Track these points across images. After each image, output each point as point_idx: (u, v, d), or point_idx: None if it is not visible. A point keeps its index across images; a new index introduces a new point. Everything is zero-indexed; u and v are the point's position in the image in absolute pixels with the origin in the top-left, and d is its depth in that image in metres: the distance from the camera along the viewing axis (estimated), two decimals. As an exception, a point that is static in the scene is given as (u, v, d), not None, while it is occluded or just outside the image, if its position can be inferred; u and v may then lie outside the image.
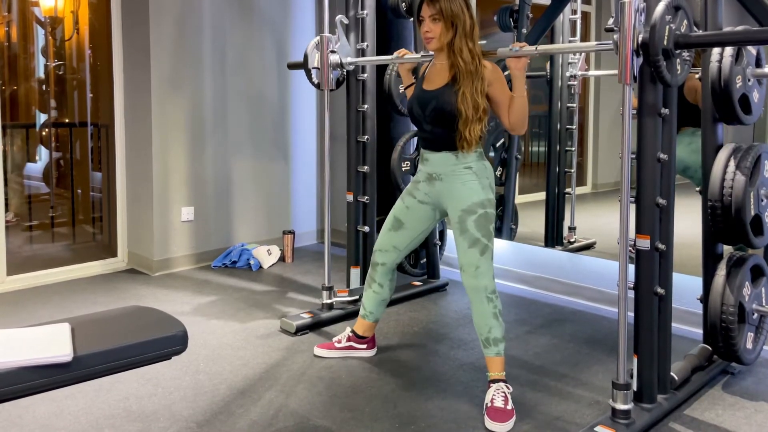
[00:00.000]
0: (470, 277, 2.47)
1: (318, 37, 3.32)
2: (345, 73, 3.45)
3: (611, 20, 2.13)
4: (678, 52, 2.16)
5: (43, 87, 4.62)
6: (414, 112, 2.63)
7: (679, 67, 2.20)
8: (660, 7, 2.08)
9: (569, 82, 4.66)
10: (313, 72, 3.35)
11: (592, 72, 5.19)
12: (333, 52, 3.29)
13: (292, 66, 3.69)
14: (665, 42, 2.10)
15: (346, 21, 3.36)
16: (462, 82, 2.47)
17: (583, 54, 4.60)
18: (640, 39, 2.10)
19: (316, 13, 5.08)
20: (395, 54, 2.96)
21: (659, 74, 2.13)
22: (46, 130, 4.69)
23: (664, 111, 2.26)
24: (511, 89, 2.50)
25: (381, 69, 3.71)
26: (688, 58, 2.25)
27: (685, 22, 2.18)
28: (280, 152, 4.93)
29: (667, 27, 2.10)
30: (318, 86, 3.37)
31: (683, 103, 2.73)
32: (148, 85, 4.16)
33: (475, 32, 2.52)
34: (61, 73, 4.61)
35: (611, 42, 2.16)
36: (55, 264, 4.20)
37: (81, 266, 4.25)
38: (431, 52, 2.65)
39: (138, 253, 4.37)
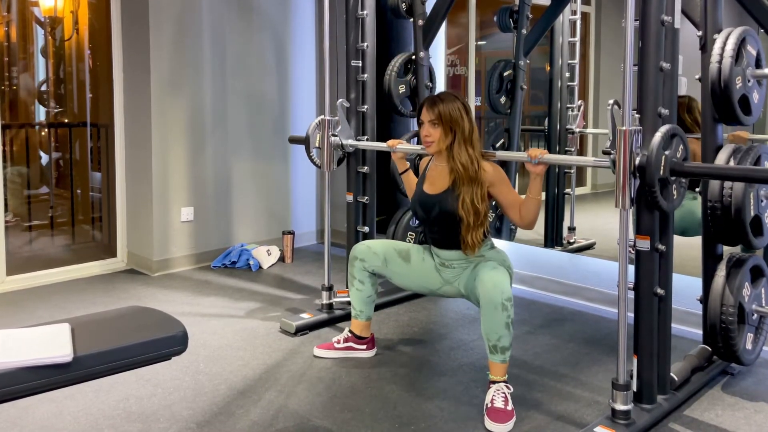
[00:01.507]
0: (488, 277, 2.38)
1: (319, 119, 3.37)
2: (345, 154, 3.47)
3: (608, 143, 2.19)
4: (674, 179, 2.20)
5: (43, 87, 4.62)
6: (418, 215, 2.71)
7: (675, 192, 2.23)
8: (656, 139, 2.12)
9: (569, 83, 4.67)
10: (314, 152, 3.39)
11: (590, 130, 5.23)
12: (334, 135, 3.34)
13: (294, 141, 3.72)
14: (661, 171, 2.13)
15: (346, 104, 3.44)
16: (462, 188, 2.52)
17: (581, 110, 4.66)
18: (637, 162, 2.13)
19: (316, 13, 5.08)
20: (387, 144, 3.04)
21: (655, 201, 2.16)
22: (46, 130, 4.69)
23: (662, 248, 2.30)
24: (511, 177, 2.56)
25: (381, 70, 3.71)
26: (684, 182, 2.28)
27: (681, 147, 2.21)
28: (279, 152, 4.93)
29: (663, 157, 2.13)
30: (319, 166, 3.43)
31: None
32: (147, 85, 4.16)
33: (474, 136, 2.57)
34: (60, 73, 4.61)
35: (608, 160, 2.20)
36: (55, 264, 4.20)
37: (80, 266, 4.25)
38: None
39: (137, 254, 4.37)
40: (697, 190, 3.21)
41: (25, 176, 4.53)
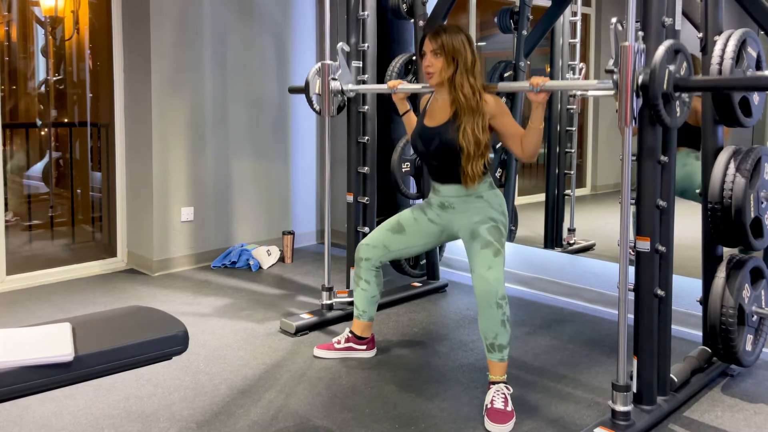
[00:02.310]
0: (481, 279, 2.41)
1: (319, 64, 3.34)
2: (346, 99, 3.46)
3: (611, 61, 2.15)
4: (677, 94, 2.18)
5: (43, 87, 4.62)
6: (418, 148, 2.66)
7: (678, 110, 2.22)
8: (660, 52, 2.10)
9: (568, 105, 4.67)
10: (314, 98, 3.37)
11: (592, 92, 5.20)
12: (334, 79, 3.31)
13: (293, 90, 3.71)
14: (665, 86, 2.11)
15: (347, 48, 3.39)
16: (463, 118, 2.48)
17: (582, 72, 4.64)
18: (639, 81, 2.11)
19: (317, 14, 5.08)
20: (387, 85, 3.01)
21: (658, 117, 2.14)
22: (46, 129, 4.69)
23: (664, 159, 2.29)
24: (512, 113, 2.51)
25: (382, 71, 3.72)
26: (687, 99, 2.26)
27: (685, 64, 2.19)
28: (280, 153, 4.93)
29: (667, 70, 2.11)
30: (319, 112, 3.39)
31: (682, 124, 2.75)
32: (148, 85, 4.16)
33: (476, 67, 2.54)
34: (61, 72, 4.60)
35: (611, 82, 2.18)
36: (55, 264, 4.20)
37: (80, 266, 4.25)
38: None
39: (138, 253, 4.37)
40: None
41: (24, 167, 4.54)
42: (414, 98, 3.76)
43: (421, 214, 2.71)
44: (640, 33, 2.15)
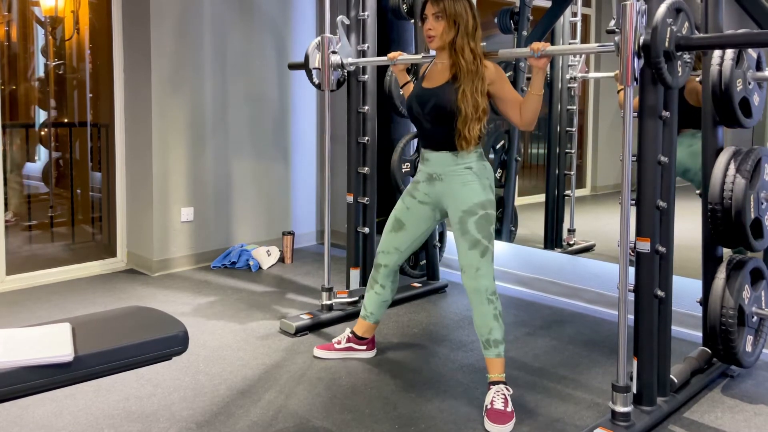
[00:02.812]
0: (471, 279, 2.47)
1: (319, 38, 3.32)
2: (346, 73, 3.45)
3: (612, 22, 2.14)
4: (679, 54, 2.16)
5: (43, 87, 4.62)
6: (413, 110, 2.63)
7: (680, 69, 2.20)
8: (661, 10, 2.09)
9: (569, 85, 4.67)
10: (314, 72, 3.35)
11: (592, 74, 5.19)
12: (334, 52, 3.29)
13: (293, 66, 3.69)
14: (666, 44, 2.10)
15: (347, 21, 3.36)
16: (463, 80, 2.47)
17: (583, 56, 4.60)
18: (641, 41, 2.10)
19: (317, 14, 5.08)
20: (387, 56, 2.99)
21: (660, 76, 2.13)
22: (46, 129, 4.68)
23: (665, 113, 2.26)
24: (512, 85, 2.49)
25: (382, 70, 3.72)
26: (689, 60, 2.25)
27: (686, 24, 2.18)
28: (280, 153, 4.93)
29: (669, 29, 2.10)
30: (318, 86, 3.37)
31: (684, 105, 2.74)
32: (148, 85, 4.16)
33: (477, 33, 2.53)
34: (61, 72, 4.60)
35: (612, 44, 2.16)
36: (55, 264, 4.20)
37: (80, 266, 4.25)
38: (432, 53, 2.65)
39: (137, 254, 4.37)
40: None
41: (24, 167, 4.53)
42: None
43: (411, 199, 2.70)
44: None
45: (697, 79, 2.94)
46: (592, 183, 6.52)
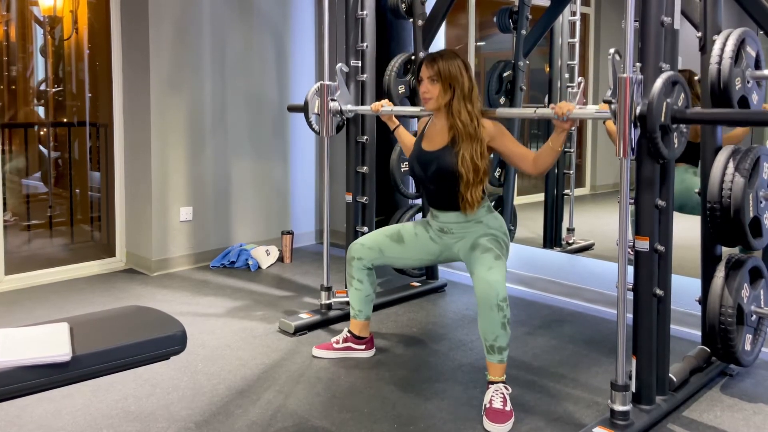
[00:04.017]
0: (482, 279, 2.38)
1: (318, 84, 3.35)
2: (344, 120, 3.47)
3: (609, 92, 2.16)
4: (675, 126, 2.19)
5: (42, 86, 4.62)
6: (416, 172, 2.67)
7: (675, 141, 2.22)
8: (658, 84, 2.11)
9: (568, 84, 4.67)
10: (313, 118, 3.37)
11: (590, 107, 5.19)
12: (333, 100, 3.32)
13: (292, 109, 3.72)
14: (662, 118, 2.12)
15: (346, 69, 3.40)
16: (461, 144, 2.49)
17: (581, 87, 4.63)
18: (637, 111, 2.12)
19: (316, 14, 5.08)
20: (371, 107, 3.07)
21: (656, 149, 2.15)
22: (45, 129, 4.68)
23: (661, 203, 2.29)
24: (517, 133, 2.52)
25: (381, 69, 3.71)
26: (685, 130, 2.26)
27: (682, 95, 2.20)
28: (279, 152, 4.93)
29: (665, 103, 2.12)
30: (318, 132, 3.40)
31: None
32: (147, 85, 4.16)
33: (473, 94, 2.55)
34: (59, 72, 4.60)
35: (609, 111, 2.18)
36: (54, 264, 4.20)
37: (79, 266, 4.24)
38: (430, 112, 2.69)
39: (136, 253, 4.37)
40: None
41: (24, 174, 4.53)
42: (412, 97, 3.76)
43: (423, 231, 2.72)
44: (638, 64, 2.18)
45: (697, 78, 2.94)
46: (592, 182, 6.52)
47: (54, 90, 4.61)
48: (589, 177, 6.54)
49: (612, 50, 2.14)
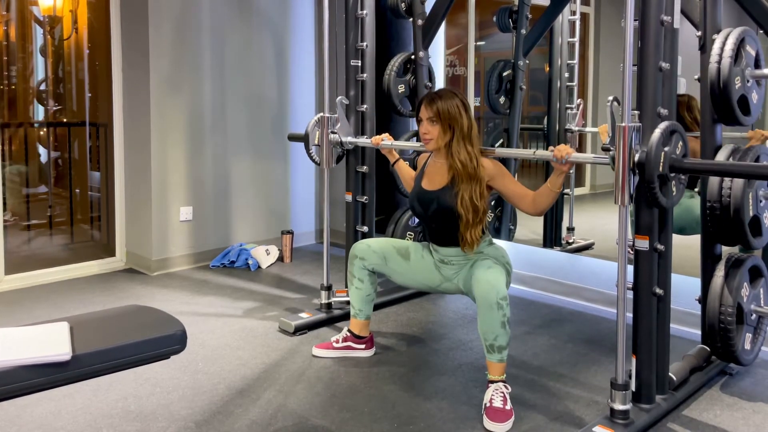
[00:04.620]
0: (482, 277, 2.39)
1: (318, 116, 3.36)
2: (344, 151, 3.47)
3: (608, 139, 2.18)
4: (673, 175, 2.19)
5: (42, 86, 4.62)
6: (416, 210, 2.70)
7: (674, 189, 2.23)
8: (656, 135, 2.12)
9: (568, 83, 4.67)
10: (313, 149, 3.38)
11: (589, 128, 5.20)
12: (333, 132, 3.33)
13: (293, 138, 3.74)
14: (660, 168, 2.13)
15: (346, 102, 3.43)
16: (460, 185, 2.51)
17: (580, 108, 4.65)
18: (636, 158, 2.13)
19: (315, 13, 5.08)
20: (371, 140, 3.10)
21: (654, 198, 2.16)
22: (45, 129, 4.68)
23: (660, 247, 2.29)
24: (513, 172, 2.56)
25: (380, 69, 3.71)
26: (683, 179, 2.27)
27: (681, 143, 2.21)
28: (279, 152, 4.93)
29: (663, 153, 2.12)
30: (318, 163, 3.41)
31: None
32: (147, 85, 4.16)
33: (473, 133, 2.56)
34: (59, 72, 4.60)
35: (608, 157, 2.19)
36: (54, 263, 4.20)
37: (79, 266, 4.24)
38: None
39: (136, 253, 4.37)
40: (696, 189, 3.21)
41: (24, 175, 4.53)
42: (412, 96, 3.76)
43: (429, 256, 2.73)
44: (636, 112, 2.19)
45: (696, 77, 2.93)
46: (591, 182, 6.52)
47: (54, 90, 4.61)
48: (589, 176, 6.54)
49: (610, 98, 2.16)
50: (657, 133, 2.13)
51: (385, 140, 3.06)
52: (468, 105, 2.60)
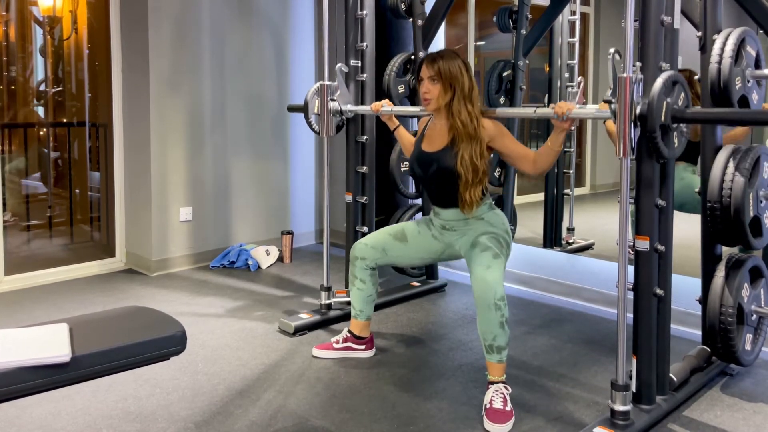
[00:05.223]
0: (479, 278, 2.39)
1: (318, 85, 3.34)
2: (344, 119, 3.46)
3: (609, 92, 2.16)
4: (675, 126, 2.18)
5: (41, 86, 4.61)
6: (416, 173, 2.68)
7: (676, 140, 2.22)
8: (658, 84, 2.11)
9: (568, 83, 4.66)
10: (313, 118, 3.36)
11: (590, 106, 5.19)
12: (333, 100, 3.31)
13: (292, 109, 3.72)
14: (662, 118, 2.12)
15: (345, 69, 3.40)
16: (460, 144, 2.49)
17: (581, 87, 4.64)
18: (638, 110, 2.12)
19: (315, 14, 5.07)
20: (371, 107, 3.06)
21: (656, 148, 2.15)
22: (44, 129, 4.68)
23: (661, 203, 2.28)
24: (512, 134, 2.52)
25: (380, 69, 3.71)
26: (685, 130, 2.26)
27: (682, 94, 2.20)
28: (278, 152, 4.92)
29: (665, 103, 2.11)
30: (318, 132, 3.39)
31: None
32: (146, 85, 4.15)
33: (474, 94, 2.54)
34: (59, 72, 4.60)
35: (609, 111, 2.18)
36: (53, 264, 4.20)
37: (79, 266, 4.24)
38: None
39: (136, 253, 4.37)
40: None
41: (23, 173, 4.53)
42: (412, 96, 3.76)
43: (426, 229, 2.72)
44: (638, 63, 2.17)
45: (696, 77, 2.93)
46: (591, 182, 6.52)
47: (53, 90, 4.61)
48: (589, 176, 6.54)
49: (612, 50, 2.14)
50: (659, 82, 2.11)
51: (385, 106, 3.03)
52: (469, 66, 2.58)
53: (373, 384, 2.67)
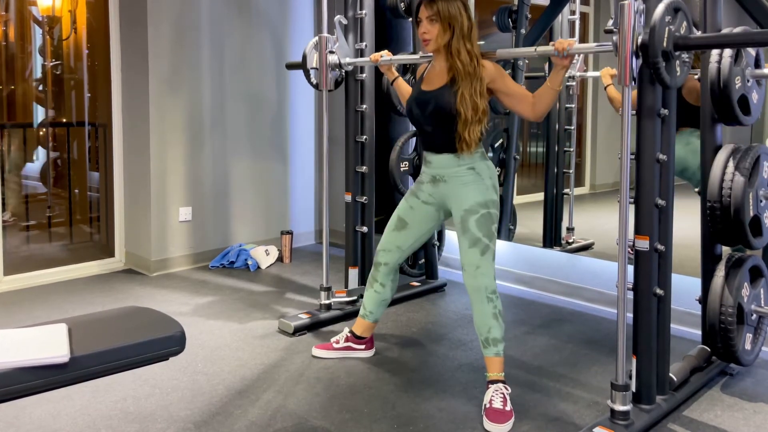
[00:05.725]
0: (471, 277, 2.47)
1: (317, 38, 3.31)
2: (344, 73, 3.45)
3: (611, 21, 2.13)
4: (677, 53, 2.16)
5: (41, 86, 4.61)
6: (413, 113, 2.62)
7: (678, 69, 2.20)
8: (659, 9, 2.09)
9: (568, 83, 4.66)
10: (312, 72, 3.34)
11: (591, 73, 5.19)
12: (332, 52, 3.29)
13: (291, 66, 3.68)
14: (664, 44, 2.10)
15: (344, 21, 3.36)
16: (461, 83, 2.46)
17: (581, 54, 4.61)
18: (639, 40, 2.10)
19: (315, 14, 5.07)
20: (370, 58, 3.02)
21: (658, 76, 2.13)
22: (44, 129, 4.68)
23: (664, 111, 2.26)
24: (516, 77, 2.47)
25: (380, 69, 3.70)
26: (687, 59, 2.25)
27: (685, 23, 2.18)
28: (278, 152, 4.92)
29: (667, 29, 2.09)
30: (316, 86, 3.37)
31: (682, 103, 2.74)
32: (146, 85, 4.15)
33: (473, 33, 2.51)
34: (58, 72, 4.59)
35: (611, 43, 2.15)
36: (53, 264, 4.19)
37: (78, 266, 4.24)
38: (430, 54, 2.65)
39: (135, 254, 4.36)
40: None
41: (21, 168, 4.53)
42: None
43: (415, 199, 2.70)
44: None
45: (696, 77, 2.93)
46: (591, 181, 6.51)
47: (52, 90, 4.60)
48: (589, 176, 6.53)
49: None
50: (660, 7, 2.08)
51: (384, 56, 3.00)
52: (468, 6, 2.55)
53: (373, 384, 2.67)
